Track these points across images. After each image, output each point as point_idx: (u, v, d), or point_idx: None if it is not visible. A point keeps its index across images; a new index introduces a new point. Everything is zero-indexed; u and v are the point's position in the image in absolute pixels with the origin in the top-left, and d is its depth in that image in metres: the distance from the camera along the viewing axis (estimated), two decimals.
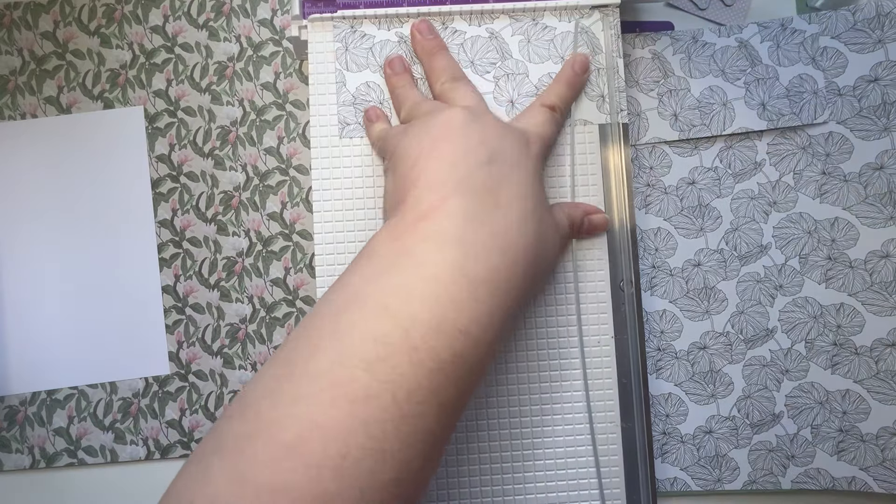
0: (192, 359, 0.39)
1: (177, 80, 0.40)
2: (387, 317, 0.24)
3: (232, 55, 0.40)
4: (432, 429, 0.24)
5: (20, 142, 0.39)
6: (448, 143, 0.28)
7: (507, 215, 0.27)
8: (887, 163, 0.37)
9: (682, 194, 0.39)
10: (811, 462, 0.37)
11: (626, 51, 0.39)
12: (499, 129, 0.30)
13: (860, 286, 0.37)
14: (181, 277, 0.39)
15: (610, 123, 0.36)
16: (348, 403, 0.23)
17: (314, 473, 0.22)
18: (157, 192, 0.40)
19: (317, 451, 0.22)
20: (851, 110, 0.38)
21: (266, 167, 0.40)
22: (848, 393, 0.37)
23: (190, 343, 0.39)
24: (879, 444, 0.36)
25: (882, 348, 0.37)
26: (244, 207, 0.39)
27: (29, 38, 0.40)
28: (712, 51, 0.39)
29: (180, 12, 0.40)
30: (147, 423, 0.39)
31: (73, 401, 0.39)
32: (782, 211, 0.38)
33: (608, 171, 0.36)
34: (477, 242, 0.26)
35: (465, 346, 0.25)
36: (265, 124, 0.40)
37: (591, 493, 0.35)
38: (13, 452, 0.38)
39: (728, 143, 0.39)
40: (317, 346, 0.24)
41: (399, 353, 0.24)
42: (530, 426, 0.35)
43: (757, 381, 0.38)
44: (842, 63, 0.38)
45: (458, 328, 0.25)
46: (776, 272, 0.38)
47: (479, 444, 0.35)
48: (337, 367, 0.23)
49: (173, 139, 0.40)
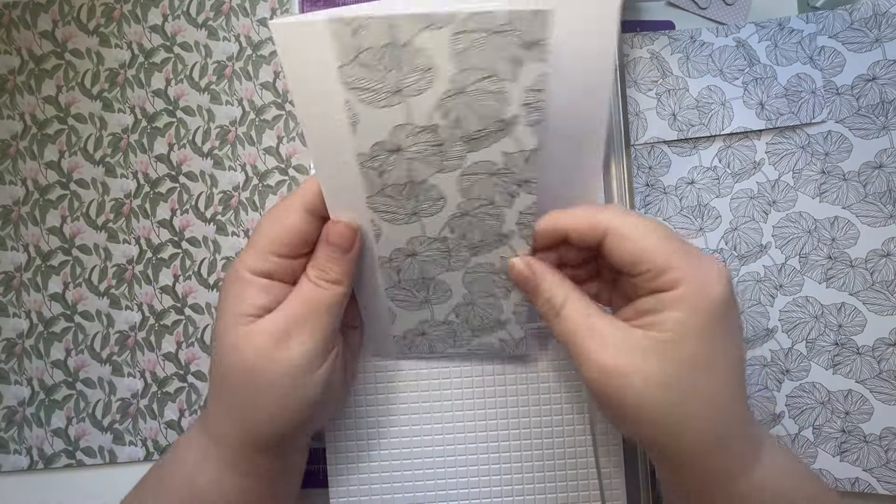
0: (192, 359, 0.39)
1: (176, 79, 0.40)
2: None
3: (231, 54, 0.40)
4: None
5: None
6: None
7: None
8: (886, 161, 0.37)
9: (681, 194, 0.39)
10: (813, 463, 0.37)
11: (625, 50, 0.39)
12: None
13: (861, 285, 0.37)
14: (180, 277, 0.39)
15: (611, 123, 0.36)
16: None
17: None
18: (156, 192, 0.39)
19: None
20: (850, 109, 0.38)
21: (265, 167, 0.40)
22: (850, 393, 0.37)
23: (189, 343, 0.39)
24: (883, 444, 0.36)
25: (884, 348, 0.37)
26: (243, 207, 0.39)
27: (28, 37, 0.40)
28: (710, 50, 0.39)
29: (179, 11, 0.40)
30: (146, 423, 0.38)
31: (71, 401, 0.38)
32: (782, 210, 0.38)
33: (608, 171, 0.36)
34: None
35: None
36: (264, 124, 0.40)
37: (591, 493, 0.35)
38: (11, 453, 0.38)
39: (727, 142, 0.39)
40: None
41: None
42: (529, 426, 0.35)
43: (757, 380, 0.38)
44: (840, 62, 0.38)
45: None
46: (776, 271, 0.38)
47: (479, 445, 0.35)
48: None
49: (172, 139, 0.40)
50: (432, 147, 0.26)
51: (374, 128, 0.26)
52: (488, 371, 0.35)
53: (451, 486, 0.35)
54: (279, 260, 0.28)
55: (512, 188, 0.27)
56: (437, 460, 0.35)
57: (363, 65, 0.24)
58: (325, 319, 0.28)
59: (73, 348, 0.39)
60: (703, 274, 0.25)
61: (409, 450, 0.35)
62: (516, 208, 0.28)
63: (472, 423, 0.35)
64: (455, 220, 0.28)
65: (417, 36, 0.24)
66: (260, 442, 0.28)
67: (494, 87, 0.25)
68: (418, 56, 0.24)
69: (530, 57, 0.24)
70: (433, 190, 0.27)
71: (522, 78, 0.24)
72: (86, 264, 0.39)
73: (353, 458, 0.35)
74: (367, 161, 0.27)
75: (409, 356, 0.35)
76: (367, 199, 0.28)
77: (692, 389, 0.25)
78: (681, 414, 0.25)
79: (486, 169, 0.27)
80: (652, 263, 0.25)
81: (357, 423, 0.35)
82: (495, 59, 0.24)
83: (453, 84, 0.25)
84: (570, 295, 0.27)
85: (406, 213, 0.28)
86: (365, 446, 0.35)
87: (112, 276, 0.39)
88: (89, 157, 0.40)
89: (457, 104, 0.25)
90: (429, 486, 0.35)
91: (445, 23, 0.23)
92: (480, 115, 0.25)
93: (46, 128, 0.40)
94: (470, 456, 0.35)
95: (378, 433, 0.35)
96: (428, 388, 0.35)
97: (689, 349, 0.25)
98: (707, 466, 0.26)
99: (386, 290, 0.31)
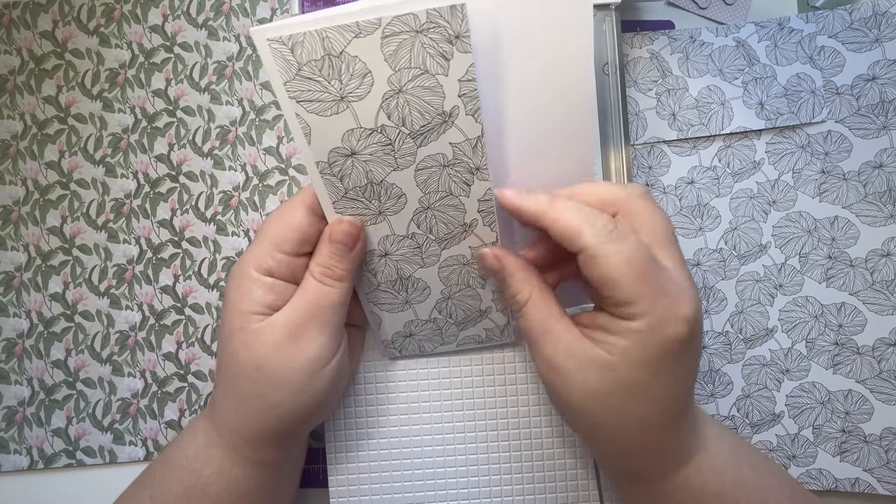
0: (192, 359, 0.39)
1: (176, 79, 0.40)
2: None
3: (231, 54, 0.40)
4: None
5: None
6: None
7: None
8: (886, 161, 0.37)
9: (681, 194, 0.39)
10: (813, 462, 0.37)
11: (625, 50, 0.39)
12: None
13: (861, 285, 0.37)
14: (180, 277, 0.39)
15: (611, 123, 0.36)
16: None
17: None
18: (156, 192, 0.39)
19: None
20: (850, 109, 0.38)
21: (265, 167, 0.40)
22: (850, 393, 0.37)
23: (189, 343, 0.39)
24: (883, 444, 0.36)
25: (884, 348, 0.37)
26: (243, 207, 0.39)
27: (28, 37, 0.40)
28: (710, 50, 0.39)
29: (179, 11, 0.40)
30: (146, 423, 0.38)
31: (71, 401, 0.38)
32: (782, 210, 0.38)
33: (608, 170, 0.36)
34: None
35: None
36: (264, 124, 0.40)
37: (591, 493, 0.35)
38: (11, 453, 0.38)
39: (727, 142, 0.39)
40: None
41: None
42: (529, 426, 0.35)
43: (757, 380, 0.38)
44: (839, 62, 0.38)
45: None
46: (776, 271, 0.38)
47: (479, 445, 0.35)
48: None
49: (172, 139, 0.40)
50: (384, 147, 0.27)
51: (327, 136, 0.27)
52: (488, 371, 0.35)
53: (451, 486, 0.35)
54: (283, 257, 0.29)
55: (466, 176, 0.28)
56: (436, 460, 0.35)
57: (306, 78, 0.26)
58: (332, 316, 0.29)
59: (74, 348, 0.39)
60: (665, 313, 0.25)
61: (409, 450, 0.35)
62: (474, 196, 0.29)
63: (472, 423, 0.35)
64: (419, 215, 0.30)
65: (350, 45, 0.25)
66: (269, 435, 0.29)
67: (429, 82, 0.26)
68: (354, 63, 0.25)
69: (456, 50, 0.25)
70: (393, 188, 0.29)
71: (453, 71, 0.26)
72: (86, 264, 0.39)
73: (353, 458, 0.35)
74: (327, 168, 0.28)
75: (402, 358, 0.35)
76: (334, 205, 0.29)
77: (624, 408, 0.27)
78: (608, 425, 0.27)
79: (437, 161, 0.28)
80: (616, 292, 0.26)
81: (357, 423, 0.35)
82: (424, 56, 0.25)
83: (391, 85, 0.26)
84: (533, 293, 0.29)
85: (372, 213, 0.29)
86: (365, 446, 0.35)
87: (112, 276, 0.39)
88: (89, 157, 0.40)
89: (399, 103, 0.26)
90: (428, 485, 0.35)
91: (372, 29, 0.25)
92: (422, 111, 0.27)
93: (47, 128, 0.40)
94: (469, 455, 0.35)
95: (378, 433, 0.35)
96: (427, 388, 0.35)
97: (630, 376, 0.26)
98: (628, 466, 0.29)
99: (367, 294, 0.32)
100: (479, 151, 0.28)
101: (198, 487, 0.29)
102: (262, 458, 0.30)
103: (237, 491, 0.30)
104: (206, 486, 0.29)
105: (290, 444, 0.31)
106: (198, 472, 0.29)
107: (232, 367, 0.28)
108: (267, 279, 0.28)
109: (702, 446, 0.29)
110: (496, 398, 0.35)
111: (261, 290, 0.28)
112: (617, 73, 0.36)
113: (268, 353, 0.28)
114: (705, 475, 0.28)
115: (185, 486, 0.29)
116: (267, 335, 0.28)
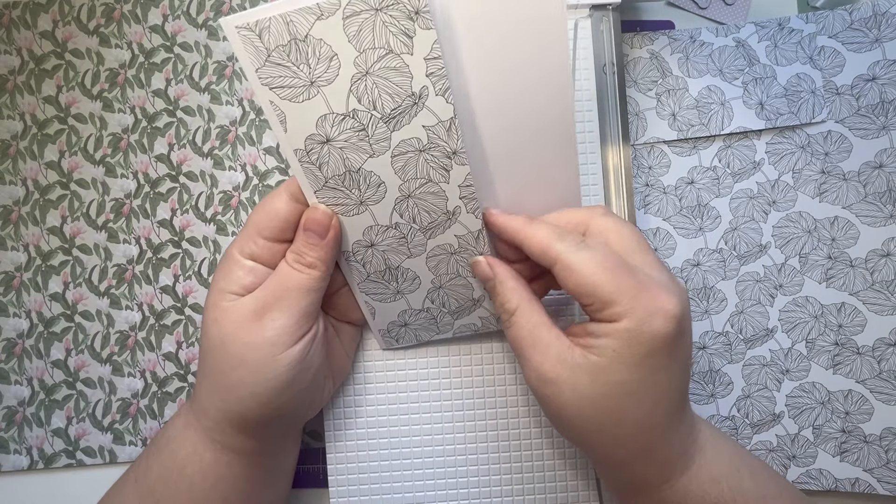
0: (192, 359, 0.39)
1: (176, 79, 0.40)
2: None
3: (231, 54, 0.40)
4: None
5: None
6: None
7: None
8: (886, 161, 0.37)
9: (681, 194, 0.39)
10: (813, 463, 0.37)
11: (625, 50, 0.39)
12: None
13: (861, 285, 0.37)
14: (180, 277, 0.39)
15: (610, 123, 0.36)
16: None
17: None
18: (156, 192, 0.40)
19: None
20: (850, 109, 0.38)
21: (265, 167, 0.40)
22: (850, 393, 0.37)
23: (189, 343, 0.39)
24: (883, 445, 0.36)
25: (884, 348, 0.37)
26: (243, 207, 0.39)
27: (28, 37, 0.40)
28: (710, 50, 0.39)
29: (179, 11, 0.40)
30: (146, 423, 0.38)
31: (71, 401, 0.38)
32: (782, 210, 0.38)
33: (607, 170, 0.36)
34: None
35: None
36: (265, 124, 0.40)
37: (590, 493, 0.35)
38: (11, 453, 0.38)
39: (727, 142, 0.39)
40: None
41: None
42: (530, 426, 0.35)
43: (757, 380, 0.38)
44: (839, 62, 0.38)
45: None
46: (776, 271, 0.38)
47: (479, 445, 0.35)
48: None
49: (172, 139, 0.40)
50: (357, 133, 0.27)
51: (301, 123, 0.27)
52: (488, 371, 0.35)
53: (451, 486, 0.35)
54: (265, 242, 0.29)
55: (443, 161, 0.28)
56: (436, 460, 0.35)
57: (276, 64, 0.25)
58: (298, 300, 0.29)
59: (74, 348, 0.39)
60: (648, 310, 0.26)
61: (409, 450, 0.35)
62: (454, 182, 0.29)
63: (473, 423, 0.35)
64: (401, 204, 0.29)
65: (313, 27, 0.25)
66: (234, 417, 0.29)
67: (395, 62, 0.26)
68: (320, 46, 0.25)
69: (418, 27, 0.25)
70: (371, 176, 0.28)
71: (417, 49, 0.25)
72: (86, 264, 0.39)
73: (353, 458, 0.35)
74: (305, 156, 0.28)
75: (398, 347, 0.35)
76: (316, 194, 0.29)
77: (619, 410, 0.27)
78: (605, 430, 0.27)
79: (413, 146, 0.28)
80: (596, 297, 0.26)
81: (357, 423, 0.35)
82: (387, 35, 0.25)
83: (358, 67, 0.26)
84: (521, 304, 0.29)
85: (353, 203, 0.29)
86: (365, 446, 0.35)
87: (112, 276, 0.39)
88: (89, 157, 0.40)
89: (367, 86, 0.26)
90: (428, 486, 0.35)
91: (333, 9, 0.24)
92: (391, 93, 0.26)
93: (46, 128, 0.40)
94: (470, 456, 0.35)
95: (378, 433, 0.35)
96: (427, 388, 0.35)
97: (621, 377, 0.26)
98: (628, 474, 0.29)
99: (359, 284, 0.32)
100: (453, 134, 0.27)
101: (174, 470, 0.30)
102: (231, 444, 0.30)
103: (210, 476, 0.30)
104: (182, 469, 0.30)
105: (261, 433, 0.30)
106: (175, 453, 0.30)
107: (203, 343, 0.29)
108: (248, 262, 0.29)
109: (700, 452, 0.29)
110: (496, 398, 0.35)
111: (241, 271, 0.29)
112: (616, 73, 0.36)
113: (231, 331, 0.28)
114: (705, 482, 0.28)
115: (164, 468, 0.30)
116: (234, 312, 0.28)
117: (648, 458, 0.28)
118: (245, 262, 0.29)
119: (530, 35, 0.27)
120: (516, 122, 0.28)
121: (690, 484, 0.28)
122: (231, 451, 0.30)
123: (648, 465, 0.28)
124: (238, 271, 0.29)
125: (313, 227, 0.29)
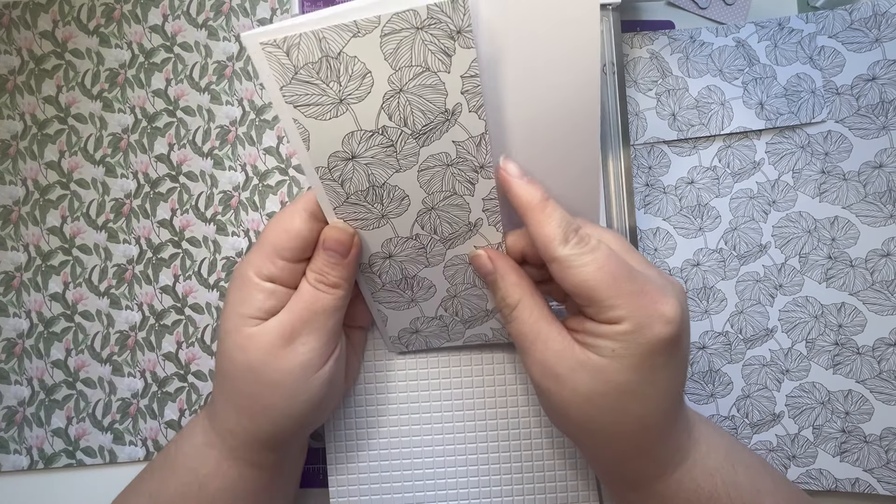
0: (192, 359, 0.39)
1: (176, 79, 0.40)
2: None
3: (231, 54, 0.40)
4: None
5: None
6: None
7: None
8: (886, 161, 0.37)
9: (680, 194, 0.39)
10: (813, 463, 0.37)
11: (625, 50, 0.39)
12: None
13: (861, 285, 0.37)
14: (180, 277, 0.39)
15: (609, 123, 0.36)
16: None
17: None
18: (156, 192, 0.40)
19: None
20: (850, 109, 0.38)
21: (265, 167, 0.40)
22: (850, 393, 0.37)
23: (189, 343, 0.39)
24: (883, 445, 0.36)
25: (884, 348, 0.37)
26: (243, 207, 0.39)
27: (28, 37, 0.40)
28: (710, 50, 0.39)
29: (179, 11, 0.40)
30: (146, 423, 0.38)
31: (71, 401, 0.38)
32: (781, 210, 0.38)
33: (608, 170, 0.36)
34: None
35: None
36: (264, 124, 0.40)
37: (590, 493, 0.35)
38: (11, 453, 0.38)
39: (727, 142, 0.39)
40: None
41: None
42: (529, 427, 0.35)
43: (757, 380, 0.38)
44: (839, 62, 0.38)
45: None
46: (776, 271, 0.38)
47: (479, 445, 0.35)
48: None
49: (172, 139, 0.40)
50: (385, 149, 0.27)
51: (327, 140, 0.26)
52: (488, 372, 0.35)
53: (451, 487, 0.35)
54: (284, 264, 0.29)
55: (470, 175, 0.28)
56: (436, 460, 0.35)
57: (303, 81, 0.25)
58: (326, 322, 0.29)
59: (73, 348, 0.39)
60: (648, 314, 0.26)
61: (409, 450, 0.35)
62: (479, 195, 0.28)
63: (472, 424, 0.35)
64: (423, 216, 0.29)
65: (348, 45, 0.24)
66: (264, 437, 0.29)
67: (431, 80, 0.25)
68: (353, 64, 0.25)
69: (458, 45, 0.25)
70: (396, 190, 0.28)
71: (455, 67, 0.25)
72: (86, 264, 0.39)
73: (353, 458, 0.35)
74: (327, 173, 0.27)
75: (408, 352, 0.35)
76: (335, 210, 0.28)
77: (618, 409, 0.27)
78: (603, 427, 0.27)
79: (441, 161, 0.27)
80: (595, 300, 0.26)
81: (357, 424, 0.35)
82: (426, 53, 0.25)
83: (392, 85, 0.25)
84: (524, 298, 0.29)
85: (375, 217, 0.29)
86: (364, 446, 0.35)
87: (112, 276, 0.39)
88: (89, 157, 0.40)
89: (400, 103, 0.26)
90: (428, 486, 0.35)
91: (371, 27, 0.24)
92: (424, 110, 0.26)
93: (46, 128, 0.40)
94: (469, 456, 0.35)
95: (378, 433, 0.35)
96: (427, 388, 0.35)
97: (621, 377, 0.26)
98: (623, 470, 0.29)
99: (372, 294, 0.32)
100: (482, 149, 0.27)
101: (195, 486, 0.29)
102: (259, 461, 0.30)
103: (234, 491, 0.30)
104: (204, 486, 0.29)
105: (287, 447, 0.31)
106: (195, 470, 0.30)
107: (227, 368, 0.29)
108: (268, 285, 0.28)
109: (695, 446, 0.29)
110: (496, 398, 0.35)
111: (261, 294, 0.28)
112: (616, 72, 0.36)
113: (260, 356, 0.28)
114: (699, 477, 0.28)
115: (183, 485, 0.29)
116: (261, 338, 0.28)
117: (644, 455, 0.28)
118: (264, 284, 0.28)
119: (563, 41, 0.26)
120: (544, 131, 0.28)
121: (684, 478, 0.28)
122: (255, 467, 0.30)
123: (644, 461, 0.28)
124: (258, 295, 0.28)
125: (335, 248, 0.28)
